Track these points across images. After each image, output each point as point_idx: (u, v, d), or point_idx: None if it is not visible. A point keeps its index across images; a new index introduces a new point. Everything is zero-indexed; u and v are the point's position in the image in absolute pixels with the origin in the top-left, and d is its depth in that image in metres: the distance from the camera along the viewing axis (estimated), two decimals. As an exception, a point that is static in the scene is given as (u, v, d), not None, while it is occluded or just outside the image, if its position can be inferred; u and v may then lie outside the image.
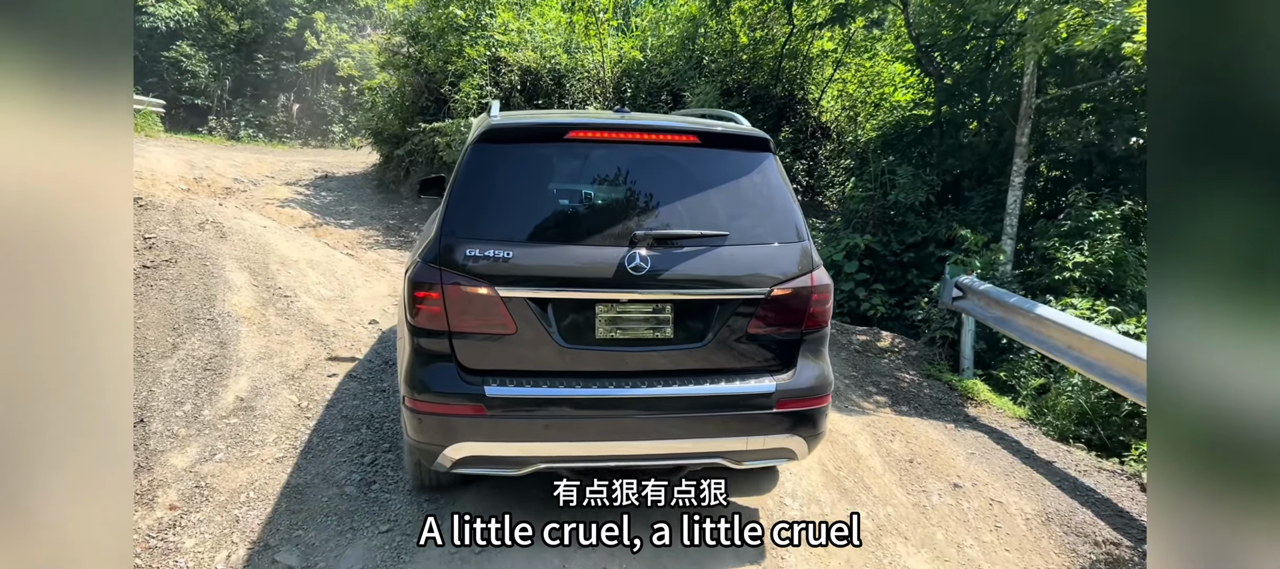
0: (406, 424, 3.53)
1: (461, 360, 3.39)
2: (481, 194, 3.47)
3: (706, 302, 3.48)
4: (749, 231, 3.59)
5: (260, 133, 21.79)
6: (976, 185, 11.00)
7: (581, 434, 3.42)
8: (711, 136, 3.70)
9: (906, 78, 13.74)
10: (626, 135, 3.57)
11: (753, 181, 3.70)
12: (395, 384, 5.85)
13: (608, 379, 3.43)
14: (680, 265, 3.41)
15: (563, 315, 3.40)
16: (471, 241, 3.34)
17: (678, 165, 3.64)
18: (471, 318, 3.34)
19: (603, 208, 3.58)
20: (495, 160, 3.54)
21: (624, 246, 3.38)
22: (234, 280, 7.58)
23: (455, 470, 3.50)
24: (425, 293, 3.36)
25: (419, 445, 3.52)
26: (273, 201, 12.28)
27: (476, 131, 3.64)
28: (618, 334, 3.44)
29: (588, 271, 3.36)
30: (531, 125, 3.70)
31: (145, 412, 4.91)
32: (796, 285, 3.57)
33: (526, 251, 3.36)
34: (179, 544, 3.78)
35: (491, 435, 3.36)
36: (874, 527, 4.33)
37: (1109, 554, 4.24)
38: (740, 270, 3.50)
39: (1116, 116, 9.66)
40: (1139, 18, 6.23)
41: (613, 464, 3.57)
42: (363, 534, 3.89)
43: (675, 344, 3.48)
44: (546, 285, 3.35)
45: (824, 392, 3.65)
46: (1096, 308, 7.04)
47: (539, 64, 12.87)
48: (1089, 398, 6.37)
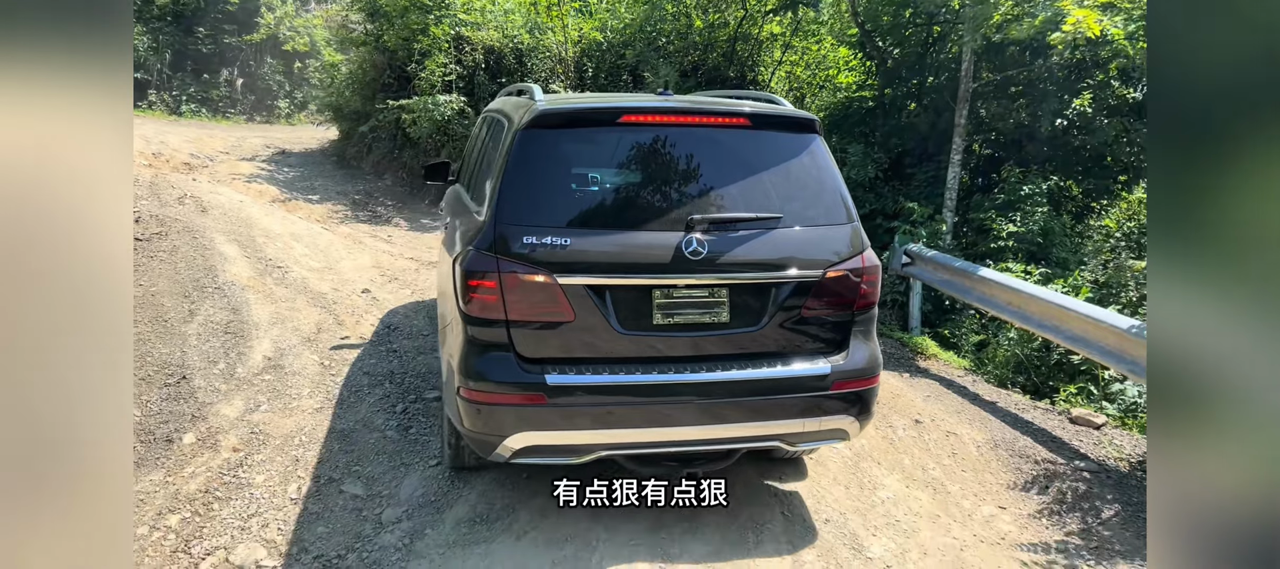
0: (461, 414, 3.47)
1: (519, 349, 3.35)
2: (534, 180, 3.46)
3: (762, 285, 3.50)
4: (801, 213, 3.60)
5: (202, 108, 21.37)
6: (918, 163, 11.86)
7: (642, 420, 3.41)
8: (761, 118, 3.73)
9: (850, 61, 14.57)
10: (679, 118, 3.60)
11: (802, 163, 3.72)
12: (403, 347, 6.29)
13: (666, 364, 3.43)
14: (736, 249, 3.43)
15: (620, 301, 3.38)
16: (527, 229, 3.32)
17: (729, 148, 3.66)
18: (530, 306, 3.31)
19: (657, 192, 3.53)
20: (547, 146, 3.52)
21: (680, 231, 3.38)
22: (227, 252, 7.85)
23: (515, 460, 3.48)
24: (480, 281, 3.31)
25: (477, 436, 3.46)
26: (239, 177, 12.36)
27: (525, 117, 3.58)
28: (675, 319, 3.44)
29: (645, 257, 3.36)
30: (583, 109, 3.73)
31: (185, 370, 5.26)
32: (849, 267, 3.61)
33: (583, 238, 3.35)
34: (250, 480, 4.21)
35: (552, 424, 3.35)
36: (852, 456, 5.01)
37: (1046, 470, 5.04)
38: (795, 253, 3.52)
39: (1043, 100, 10.61)
40: (1067, 10, 7.03)
41: (671, 449, 3.60)
42: (414, 468, 4.38)
43: (731, 328, 3.49)
44: (605, 272, 3.34)
45: (876, 371, 3.70)
46: (1030, 271, 7.91)
47: (502, 43, 13.19)
48: (1023, 349, 7.23)
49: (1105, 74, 10.38)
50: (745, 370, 3.49)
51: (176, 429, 4.60)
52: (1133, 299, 7.46)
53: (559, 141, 3.59)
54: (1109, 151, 10.71)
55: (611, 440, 3.45)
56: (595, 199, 3.51)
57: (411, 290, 8.04)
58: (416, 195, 13.18)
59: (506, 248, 3.32)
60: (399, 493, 4.15)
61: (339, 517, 3.94)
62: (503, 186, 3.45)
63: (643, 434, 3.46)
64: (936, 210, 10.11)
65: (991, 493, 4.84)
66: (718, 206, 3.51)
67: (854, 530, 4.10)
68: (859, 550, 3.93)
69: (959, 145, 10.09)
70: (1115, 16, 7.65)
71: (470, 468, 4.25)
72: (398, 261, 9.29)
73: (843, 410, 3.63)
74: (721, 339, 3.51)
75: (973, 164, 11.53)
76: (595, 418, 3.38)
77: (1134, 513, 4.55)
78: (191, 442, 4.50)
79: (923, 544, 4.09)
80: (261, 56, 22.33)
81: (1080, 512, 4.58)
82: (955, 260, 7.66)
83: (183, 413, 4.77)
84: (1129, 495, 4.75)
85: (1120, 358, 5.34)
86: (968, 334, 8.14)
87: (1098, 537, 4.33)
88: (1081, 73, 10.36)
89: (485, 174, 4.06)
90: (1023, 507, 4.68)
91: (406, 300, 7.65)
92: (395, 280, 8.36)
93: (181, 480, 4.14)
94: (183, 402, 4.89)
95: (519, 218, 3.38)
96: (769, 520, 4.03)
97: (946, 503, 4.62)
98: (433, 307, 7.42)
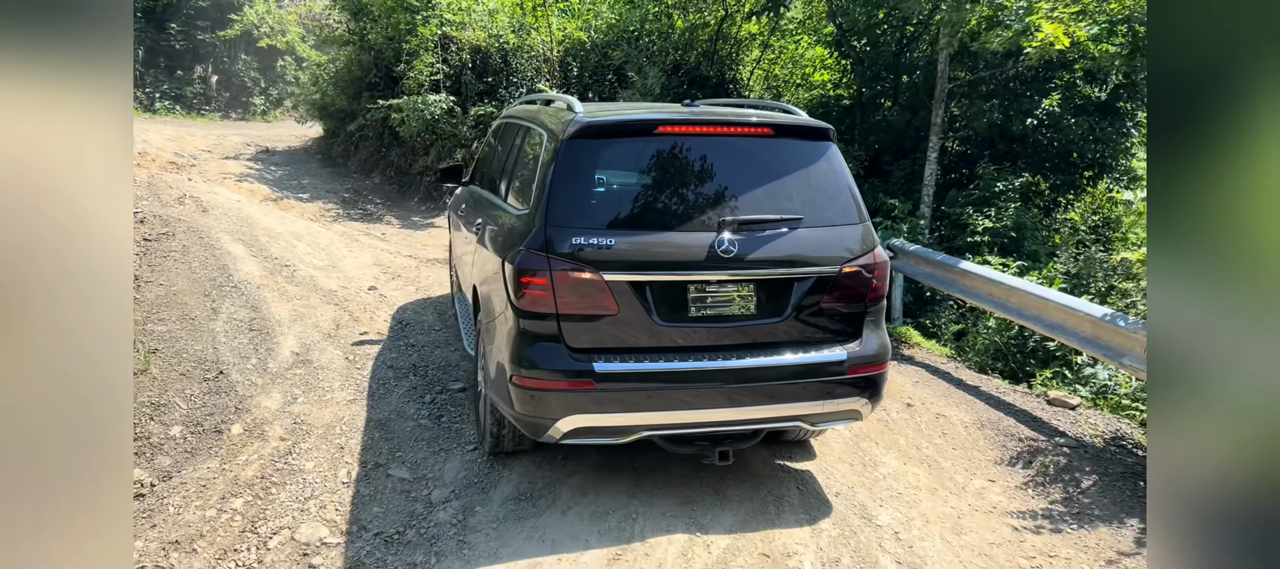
0: (513, 399, 3.77)
1: (568, 340, 3.69)
2: (579, 186, 3.80)
3: (786, 279, 3.85)
4: (819, 214, 3.96)
5: (177, 105, 21.22)
6: (895, 159, 12.35)
7: (680, 404, 3.75)
8: (783, 128, 4.11)
9: (825, 60, 15.05)
10: (709, 129, 3.95)
11: (820, 169, 4.07)
12: (419, 341, 6.56)
13: (701, 353, 3.78)
14: (763, 247, 3.77)
15: (659, 296, 3.73)
16: (574, 230, 3.66)
17: (753, 155, 4.02)
18: (579, 300, 3.65)
19: (690, 196, 3.86)
20: (591, 155, 3.87)
21: (712, 231, 3.72)
22: (234, 251, 8.04)
23: (564, 441, 3.83)
24: (531, 278, 3.65)
25: (528, 419, 3.78)
26: (229, 176, 12.45)
27: (569, 128, 3.89)
28: (707, 311, 3.79)
29: (682, 255, 3.70)
30: (623, 122, 4.04)
31: (220, 365, 5.49)
32: (862, 263, 3.97)
33: (626, 238, 3.68)
34: (300, 466, 4.48)
35: (600, 408, 3.70)
36: (851, 436, 5.41)
37: (1029, 447, 5.49)
38: (814, 250, 3.87)
39: (1015, 100, 11.15)
40: (1039, 23, 7.52)
41: (705, 430, 3.93)
42: (454, 454, 4.69)
43: (758, 318, 3.85)
44: (646, 269, 3.68)
45: (885, 357, 4.09)
46: (1007, 263, 8.40)
47: (488, 43, 13.41)
48: (1002, 338, 7.72)
49: (1072, 74, 10.93)
50: (771, 357, 3.85)
51: (223, 421, 4.85)
52: (1101, 289, 7.98)
53: (601, 150, 3.94)
54: (1076, 148, 11.28)
55: (653, 421, 3.80)
56: (634, 202, 3.87)
57: (416, 287, 8.29)
58: (405, 193, 13.37)
59: (556, 247, 3.66)
60: (443, 475, 4.46)
61: (390, 498, 4.23)
62: (550, 191, 3.77)
63: (681, 416, 3.81)
64: (915, 206, 10.59)
65: (981, 468, 5.27)
66: (745, 209, 3.86)
67: (862, 502, 4.50)
68: (868, 519, 4.33)
69: (935, 143, 10.58)
70: (1082, 21, 8.14)
71: (508, 452, 4.56)
72: (397, 259, 9.53)
73: (857, 393, 4.02)
74: (750, 329, 3.87)
75: (947, 161, 12.03)
76: (638, 402, 3.72)
77: (1110, 483, 5.01)
78: (239, 432, 4.76)
79: (924, 513, 4.50)
80: (236, 53, 22.22)
81: (1062, 483, 5.03)
82: (937, 254, 8.11)
83: (226, 405, 5.02)
84: (1105, 468, 5.21)
85: (1095, 344, 5.81)
86: (947, 324, 8.62)
87: (1078, 504, 4.78)
88: (1050, 73, 10.90)
89: (524, 178, 4.39)
90: (1010, 479, 5.12)
91: (413, 297, 7.90)
92: (398, 277, 8.61)
93: (237, 467, 4.40)
94: (224, 395, 5.13)
95: (566, 220, 3.72)
96: (787, 494, 4.41)
97: (941, 477, 5.04)
98: (440, 303, 7.69)
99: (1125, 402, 6.37)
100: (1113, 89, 10.97)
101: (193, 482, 4.26)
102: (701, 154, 3.93)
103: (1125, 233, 9.71)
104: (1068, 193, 11.65)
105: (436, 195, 12.84)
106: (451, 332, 6.81)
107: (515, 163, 4.79)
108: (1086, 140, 11.05)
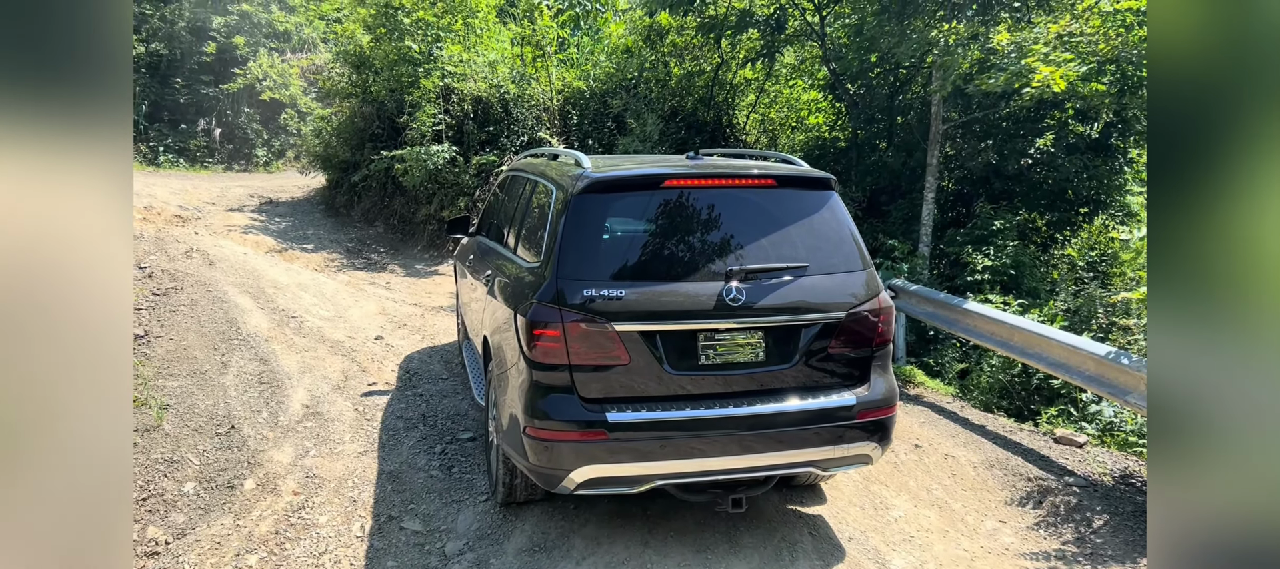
0: (527, 450, 3.79)
1: (581, 390, 3.73)
2: (589, 238, 3.89)
3: (793, 326, 3.91)
4: (824, 262, 4.02)
5: (181, 158, 21.43)
6: (892, 199, 12.50)
7: (693, 452, 3.78)
8: (786, 179, 4.22)
9: (819, 103, 15.31)
10: (714, 181, 4.05)
11: (823, 217, 4.15)
12: (428, 391, 6.60)
13: (712, 400, 3.82)
14: (770, 295, 3.84)
15: (670, 345, 3.78)
16: (585, 282, 3.72)
17: (758, 205, 4.11)
18: (591, 351, 3.70)
19: (698, 246, 3.93)
20: (600, 208, 3.96)
21: (720, 280, 3.79)
22: (242, 304, 8.09)
23: (578, 492, 3.83)
24: (544, 330, 3.70)
25: (542, 470, 3.80)
26: (234, 228, 12.56)
27: (578, 183, 3.98)
28: (717, 360, 3.84)
29: (691, 305, 3.76)
30: (630, 176, 4.13)
31: (231, 420, 5.52)
32: (867, 308, 4.02)
33: (636, 289, 3.75)
34: (314, 520, 4.49)
35: (614, 458, 3.72)
36: (861, 479, 5.43)
37: (1039, 486, 5.50)
38: (820, 297, 3.93)
39: (1009, 140, 11.33)
40: (1034, 66, 7.69)
41: (718, 477, 3.93)
42: (466, 505, 4.70)
43: (767, 365, 3.90)
44: (656, 319, 3.74)
45: (893, 401, 4.11)
46: (1008, 301, 8.48)
47: (489, 93, 13.63)
48: (1006, 376, 7.76)
49: (1064, 113, 11.12)
50: (782, 404, 3.90)
51: (236, 476, 4.87)
52: (1102, 326, 8.05)
53: (610, 204, 4.04)
54: (1070, 186, 11.44)
55: (667, 470, 3.81)
56: (643, 254, 3.93)
57: (422, 336, 8.34)
58: (408, 241, 13.47)
59: (567, 300, 3.72)
60: (456, 527, 4.47)
61: (405, 552, 4.24)
62: (562, 245, 3.84)
63: (694, 464, 3.82)
64: (914, 245, 10.70)
65: (991, 509, 5.28)
66: (751, 258, 3.92)
67: (876, 547, 4.51)
68: (883, 564, 4.33)
69: (932, 183, 10.72)
70: (1072, 61, 8.31)
71: (521, 503, 4.57)
72: (402, 308, 9.59)
73: (867, 437, 4.04)
74: (759, 376, 3.92)
75: (944, 200, 12.18)
76: (652, 451, 3.75)
77: (1122, 521, 5.02)
78: (252, 487, 4.77)
79: (938, 557, 4.51)
80: (238, 106, 22.50)
81: (1073, 522, 5.04)
82: (938, 293, 8.18)
83: (239, 460, 5.04)
84: (1115, 506, 5.22)
85: (1100, 382, 5.85)
86: (951, 362, 8.66)
87: (1091, 544, 4.79)
88: (1042, 112, 11.10)
89: (533, 231, 4.46)
90: (1021, 520, 5.13)
91: (419, 346, 7.95)
92: (404, 327, 8.66)
93: (251, 523, 4.42)
94: (236, 450, 5.16)
95: (577, 272, 3.78)
96: (800, 540, 4.42)
97: (953, 519, 5.05)
98: (447, 352, 7.74)
99: (1132, 439, 6.40)
100: (1104, 127, 11.16)
101: (207, 539, 4.28)
102: (707, 206, 4.02)
103: (1123, 269, 9.81)
104: (1064, 230, 11.79)
105: (440, 243, 12.95)
106: (459, 380, 6.85)
107: (524, 215, 4.87)
108: (1080, 177, 11.21)
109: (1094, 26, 7.94)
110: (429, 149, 12.50)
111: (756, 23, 13.33)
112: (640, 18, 15.14)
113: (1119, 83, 8.60)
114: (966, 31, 8.95)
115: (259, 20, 23.12)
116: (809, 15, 13.04)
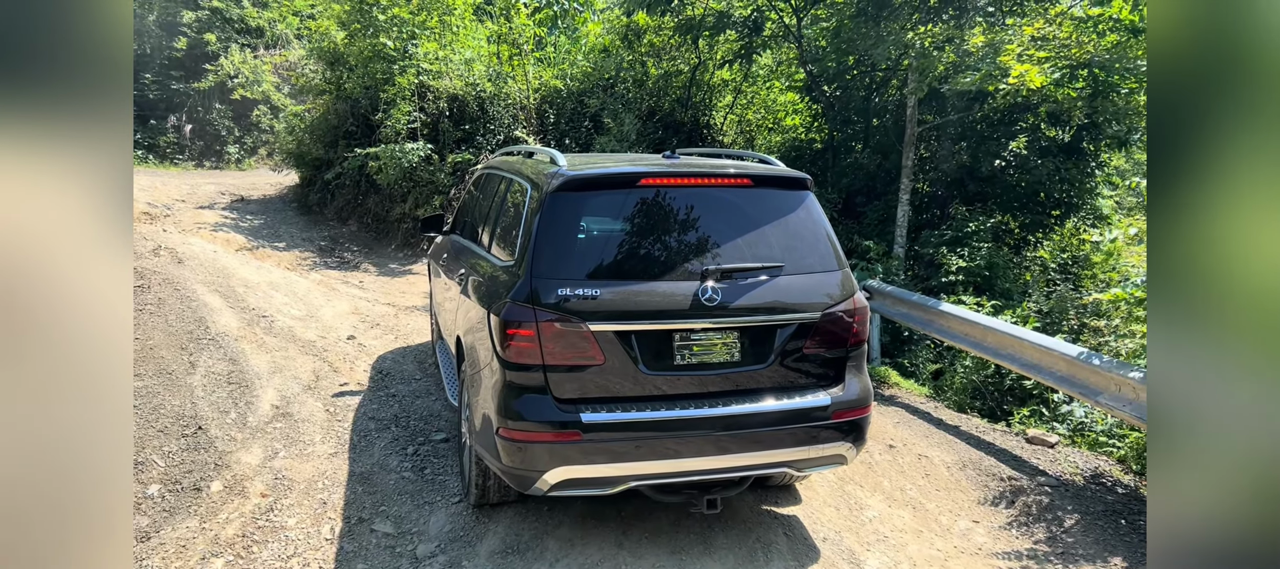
0: (500, 452, 3.74)
1: (555, 391, 3.69)
2: (563, 237, 3.83)
3: (769, 326, 3.90)
4: (799, 262, 4.02)
5: (150, 154, 21.05)
6: (868, 201, 12.56)
7: (668, 453, 3.74)
8: (762, 178, 4.17)
9: (796, 105, 15.35)
10: (690, 180, 4.01)
11: (798, 217, 4.15)
12: (400, 392, 6.51)
13: (687, 401, 3.80)
14: (745, 295, 3.82)
15: (645, 345, 3.74)
16: (559, 281, 3.68)
17: (734, 205, 4.09)
18: (565, 351, 3.66)
19: (674, 246, 3.91)
20: (575, 207, 3.91)
21: (696, 280, 3.77)
22: (211, 303, 7.96)
23: (552, 493, 3.78)
24: (517, 329, 3.66)
25: (516, 472, 3.75)
26: (204, 226, 12.34)
27: (553, 181, 3.93)
28: (692, 360, 3.82)
29: (667, 304, 3.73)
30: (606, 174, 4.09)
31: (199, 420, 5.41)
32: (842, 308, 4.02)
33: (611, 289, 3.71)
34: (283, 523, 4.40)
35: (588, 459, 3.67)
36: (836, 479, 5.43)
37: (1011, 486, 5.54)
38: (796, 297, 3.92)
39: (982, 142, 11.43)
40: (1008, 65, 7.76)
41: (693, 478, 3.90)
42: (438, 507, 4.63)
43: (742, 365, 3.88)
44: (631, 319, 3.70)
45: (868, 401, 4.12)
46: (981, 302, 8.54)
47: (465, 91, 13.52)
48: (979, 376, 7.82)
49: (1036, 116, 11.24)
50: (757, 404, 3.87)
51: (202, 478, 4.76)
52: (1074, 326, 8.14)
53: (585, 203, 3.98)
54: (1043, 189, 11.56)
55: (641, 471, 3.77)
56: (618, 253, 3.88)
57: (395, 336, 8.24)
58: (382, 240, 13.32)
59: (541, 299, 3.67)
60: (428, 530, 4.40)
61: (375, 554, 4.17)
62: (536, 243, 3.79)
63: (669, 465, 3.78)
64: (889, 247, 10.76)
65: (965, 509, 5.31)
66: (727, 257, 3.89)
67: (850, 547, 4.50)
68: (857, 564, 4.33)
69: (907, 185, 10.79)
70: (1045, 64, 8.40)
71: (494, 504, 4.50)
72: (375, 307, 9.48)
73: (842, 437, 4.03)
74: (734, 376, 3.89)
75: (918, 201, 12.26)
76: (626, 452, 3.71)
77: (1092, 521, 5.07)
78: (219, 489, 4.67)
79: (912, 557, 4.52)
80: (210, 102, 22.15)
81: (1045, 522, 5.08)
82: (913, 295, 8.23)
83: (205, 462, 4.93)
84: (1086, 506, 5.27)
85: (1071, 382, 5.91)
86: (925, 363, 8.71)
87: (1062, 543, 4.82)
88: (1015, 116, 11.22)
89: (508, 230, 4.40)
90: (994, 519, 5.16)
91: (392, 346, 7.85)
92: (377, 326, 8.55)
93: (217, 526, 4.32)
94: (203, 451, 5.05)
95: (552, 271, 3.74)
96: (775, 541, 4.41)
97: (927, 519, 5.07)
98: (420, 352, 7.65)
99: (1103, 439, 6.47)
100: (1076, 130, 11.29)
101: (172, 542, 4.18)
102: (683, 205, 3.99)
103: (1094, 271, 9.92)
104: (1037, 231, 11.92)
105: (414, 242, 12.83)
106: (432, 381, 6.77)
107: (498, 214, 4.81)
108: (1053, 180, 11.33)
109: (1067, 31, 8.02)
110: (404, 147, 12.37)
111: (734, 24, 13.33)
112: (618, 17, 15.10)
113: (1091, 86, 8.70)
114: (942, 34, 9.02)
115: (231, 16, 22.78)
116: (786, 17, 13.08)
